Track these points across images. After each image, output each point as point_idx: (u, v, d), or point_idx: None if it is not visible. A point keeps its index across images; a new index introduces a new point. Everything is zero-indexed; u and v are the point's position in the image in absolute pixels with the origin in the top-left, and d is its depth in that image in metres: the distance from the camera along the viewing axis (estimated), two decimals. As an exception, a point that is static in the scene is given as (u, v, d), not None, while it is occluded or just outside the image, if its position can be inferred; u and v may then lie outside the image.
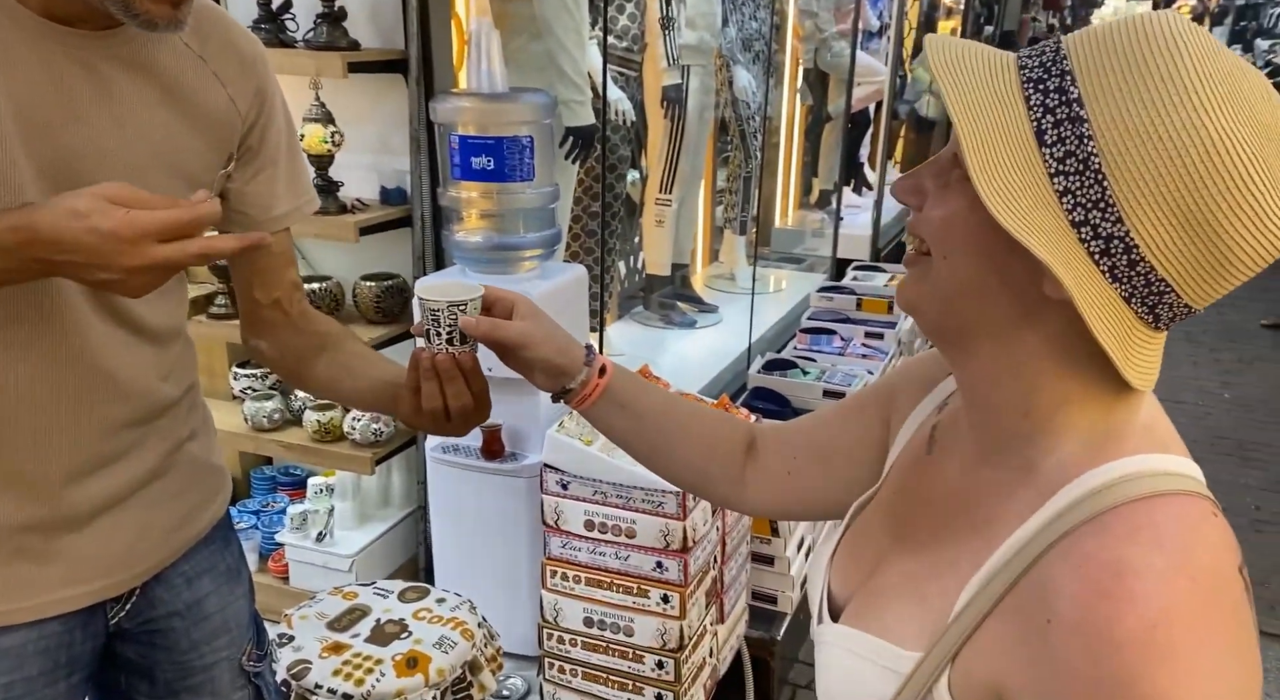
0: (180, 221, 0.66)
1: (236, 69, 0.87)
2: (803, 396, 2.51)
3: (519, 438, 1.79)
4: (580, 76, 2.02)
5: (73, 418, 0.82)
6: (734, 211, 3.97)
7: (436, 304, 0.79)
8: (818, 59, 4.82)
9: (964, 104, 0.53)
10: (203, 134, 0.86)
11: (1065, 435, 0.57)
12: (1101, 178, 0.50)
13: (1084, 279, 0.51)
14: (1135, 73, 0.50)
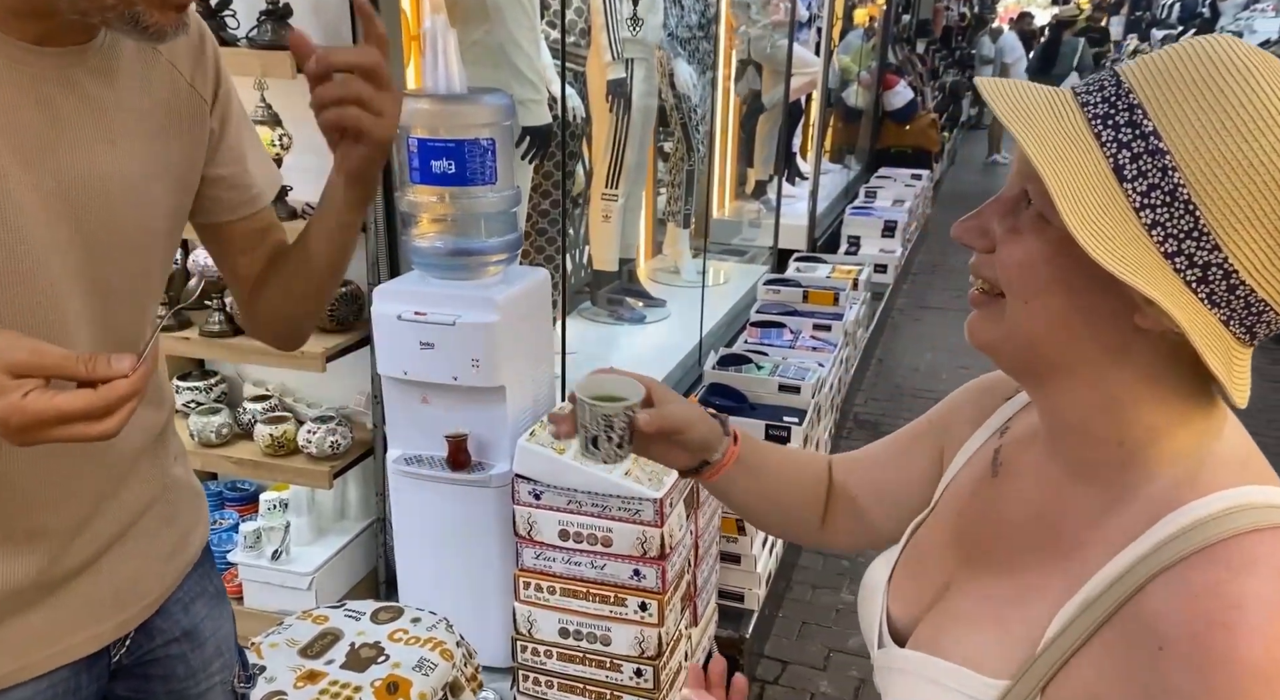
0: (92, 408, 0.61)
1: (187, 53, 0.84)
2: (758, 392, 2.52)
3: (485, 447, 1.75)
4: (535, 74, 1.98)
5: (88, 461, 0.79)
6: (677, 204, 3.96)
7: (612, 408, 0.73)
8: (751, 50, 4.85)
9: (1038, 145, 0.52)
10: (180, 130, 0.83)
11: (1161, 463, 0.57)
12: (1193, 208, 0.50)
13: (1187, 310, 0.51)
14: (1211, 101, 0.50)
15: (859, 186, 5.82)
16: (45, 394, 0.60)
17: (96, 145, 0.74)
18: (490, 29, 1.97)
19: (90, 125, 0.74)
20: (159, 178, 0.81)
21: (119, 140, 0.76)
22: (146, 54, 0.79)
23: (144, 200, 0.79)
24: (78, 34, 0.72)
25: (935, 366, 4.20)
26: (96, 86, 0.74)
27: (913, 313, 4.98)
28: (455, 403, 1.73)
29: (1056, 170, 0.52)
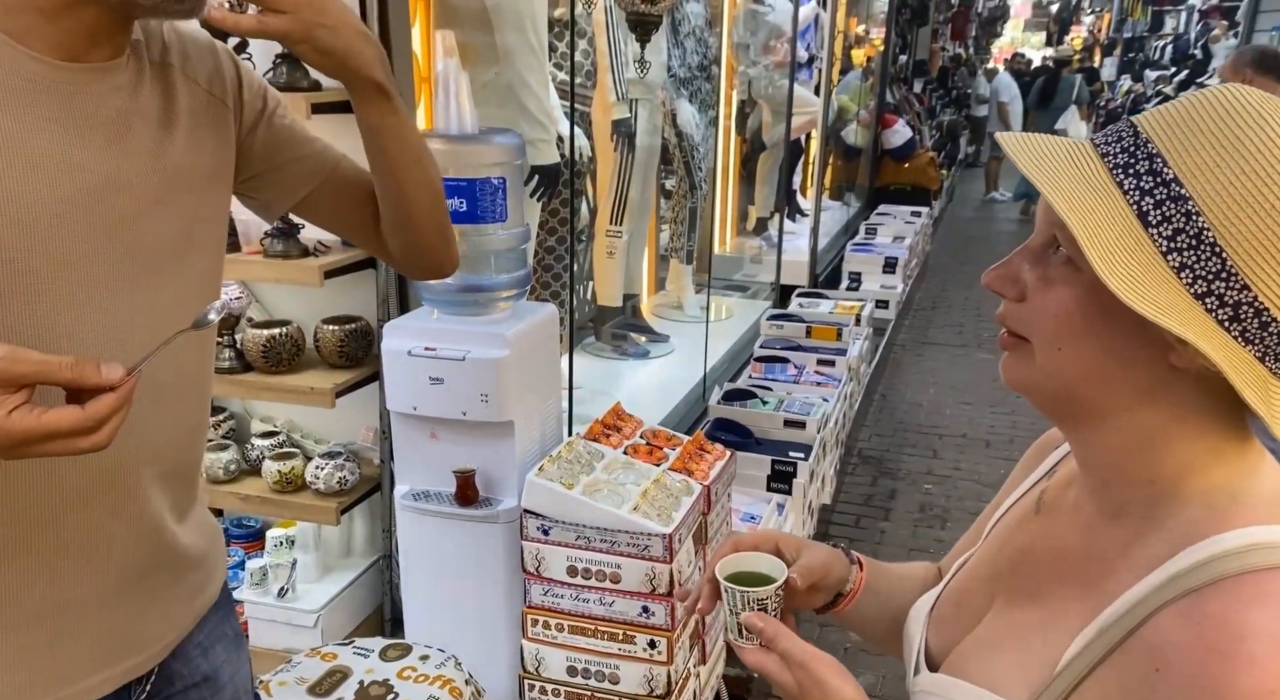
0: (79, 425, 0.61)
1: (202, 62, 0.86)
2: (764, 426, 2.53)
3: (493, 483, 1.75)
4: (545, 115, 2.02)
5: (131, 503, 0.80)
6: (680, 241, 4.00)
7: (765, 592, 0.73)
8: (751, 90, 4.93)
9: (1063, 195, 0.54)
10: (202, 137, 0.84)
11: (1191, 498, 0.58)
12: (1219, 249, 0.52)
13: (1221, 348, 0.52)
14: (1229, 147, 0.52)
15: (859, 223, 5.88)
16: (31, 412, 0.60)
17: (122, 158, 0.75)
18: (500, 71, 2.01)
19: (115, 139, 0.75)
20: (187, 188, 0.82)
21: (143, 152, 0.77)
22: (162, 73, 0.81)
23: (171, 210, 0.80)
24: (104, 49, 0.74)
25: (938, 402, 4.20)
26: (120, 101, 0.76)
27: (914, 349, 4.99)
28: (464, 438, 1.73)
29: (1082, 217, 0.53)
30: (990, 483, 3.38)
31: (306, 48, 0.79)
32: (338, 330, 1.80)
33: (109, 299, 0.75)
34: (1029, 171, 0.56)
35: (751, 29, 4.71)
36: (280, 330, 1.79)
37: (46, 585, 0.76)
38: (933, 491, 3.32)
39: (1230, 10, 10.30)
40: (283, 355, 1.78)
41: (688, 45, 3.60)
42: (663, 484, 1.66)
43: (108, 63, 0.75)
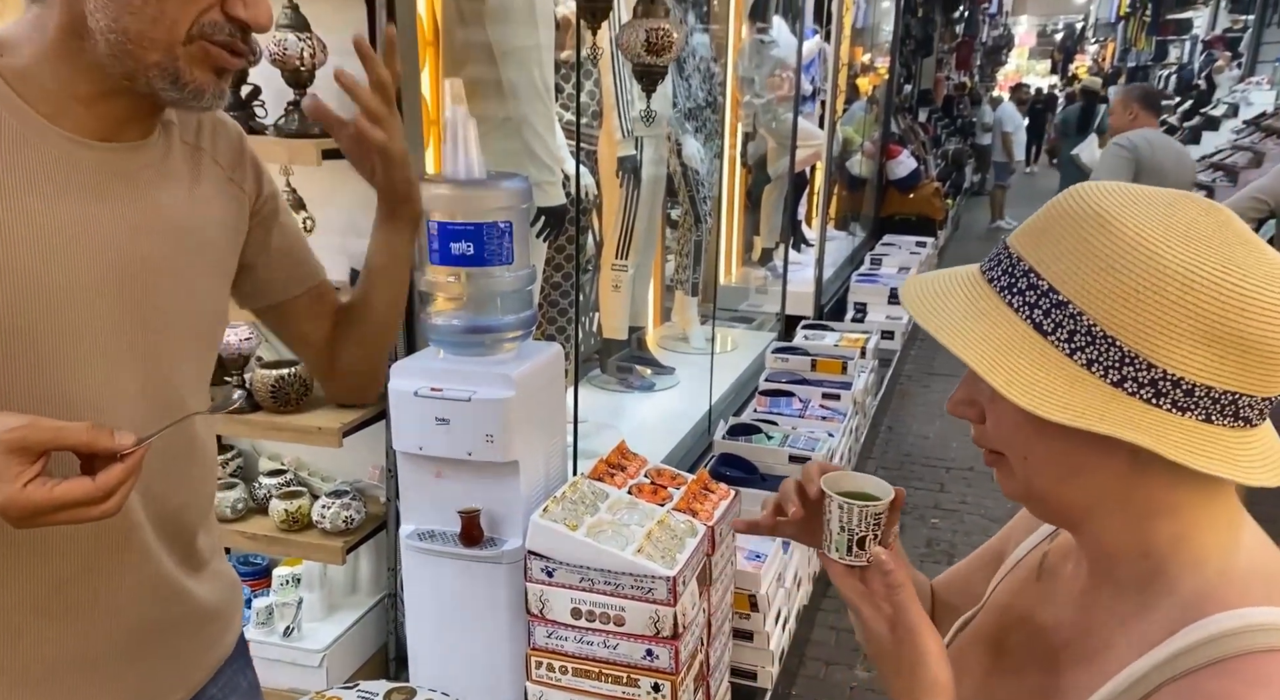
0: (90, 496, 0.64)
1: (229, 150, 0.91)
2: (769, 462, 2.53)
3: (497, 523, 1.76)
4: (551, 158, 2.05)
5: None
6: (685, 273, 4.03)
7: (881, 507, 0.71)
8: (756, 123, 4.98)
9: (963, 341, 0.59)
10: (221, 219, 0.89)
11: (1185, 573, 0.59)
12: (1112, 339, 0.55)
13: (1156, 426, 0.54)
14: (1082, 250, 0.56)
15: (864, 253, 5.90)
16: (45, 485, 0.63)
17: (148, 235, 0.79)
18: (508, 114, 2.05)
19: (142, 213, 0.79)
20: (208, 267, 0.86)
21: (170, 227, 0.82)
22: (192, 154, 0.86)
23: (190, 284, 0.84)
24: (135, 130, 0.79)
25: (945, 435, 4.19)
26: (149, 177, 0.80)
27: (920, 379, 4.99)
28: (469, 477, 1.74)
29: (980, 349, 0.58)
30: (997, 517, 3.36)
31: (388, 160, 0.89)
32: (345, 370, 1.82)
33: (126, 369, 0.78)
34: (925, 323, 0.60)
35: (756, 63, 4.77)
36: (289, 370, 1.81)
37: (63, 643, 0.78)
38: (939, 526, 3.31)
39: (1233, 41, 10.38)
40: (291, 395, 1.80)
41: (693, 82, 3.65)
42: (667, 525, 1.67)
43: (139, 141, 0.79)
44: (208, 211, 0.86)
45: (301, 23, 1.66)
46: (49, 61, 0.73)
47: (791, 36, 4.80)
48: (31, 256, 0.71)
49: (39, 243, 0.72)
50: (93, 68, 0.73)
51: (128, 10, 0.71)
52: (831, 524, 0.71)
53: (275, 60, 1.65)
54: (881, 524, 0.71)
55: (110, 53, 0.72)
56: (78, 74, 0.73)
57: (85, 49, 0.72)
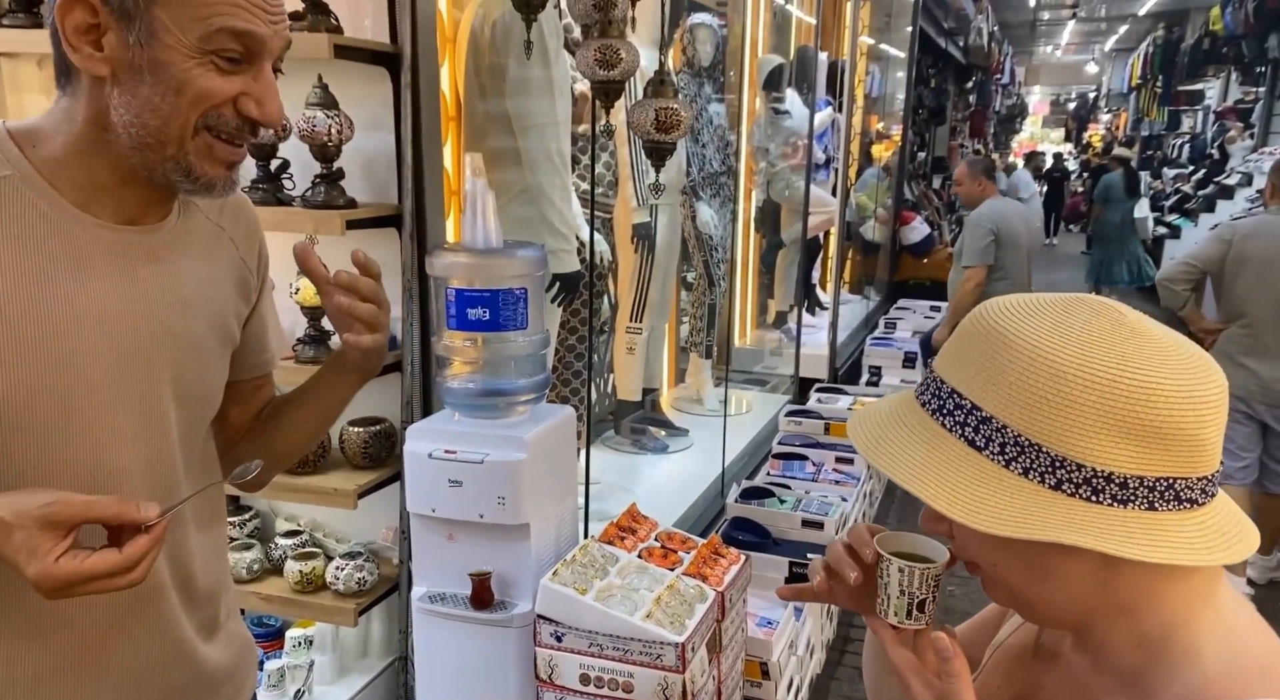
0: (117, 568, 0.68)
1: (244, 232, 0.97)
2: (781, 526, 2.53)
3: (508, 586, 1.77)
4: (566, 227, 2.12)
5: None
6: (699, 335, 4.08)
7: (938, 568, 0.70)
8: (770, 191, 5.09)
9: (905, 470, 0.62)
10: (234, 298, 0.95)
11: (1182, 663, 0.59)
12: (1038, 446, 0.58)
13: (1100, 523, 0.56)
14: (990, 367, 0.60)
15: (879, 316, 5.93)
16: (75, 558, 0.66)
17: (169, 308, 0.85)
18: (526, 183, 2.12)
19: (164, 291, 0.84)
20: (218, 338, 0.92)
21: (190, 303, 0.87)
22: (213, 233, 0.92)
23: (205, 356, 0.90)
24: (156, 213, 0.84)
25: (961, 499, 4.15)
26: (172, 255, 0.86)
27: (937, 443, 4.96)
28: (480, 540, 1.76)
29: (925, 479, 0.61)
30: (1015, 585, 3.30)
31: (368, 355, 0.95)
32: (363, 432, 1.86)
33: (153, 437, 0.83)
34: (870, 456, 0.64)
35: (770, 132, 4.90)
36: (307, 431, 1.85)
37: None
38: (955, 594, 3.26)
39: (1245, 112, 10.51)
40: (309, 456, 1.83)
41: (708, 150, 3.76)
42: (676, 589, 1.67)
43: (159, 223, 0.85)
44: (223, 289, 0.92)
45: (330, 101, 1.74)
46: (78, 154, 0.78)
47: (804, 107, 4.93)
48: (68, 334, 0.76)
49: (75, 321, 0.77)
50: (116, 158, 0.78)
51: (148, 107, 0.76)
52: (890, 588, 0.70)
53: (304, 136, 1.74)
54: (939, 585, 0.71)
55: (131, 145, 0.77)
56: (103, 164, 0.79)
57: (109, 141, 0.77)
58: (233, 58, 0.77)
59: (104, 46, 0.75)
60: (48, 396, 0.75)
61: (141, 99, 0.75)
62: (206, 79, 0.76)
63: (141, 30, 0.74)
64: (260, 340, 1.03)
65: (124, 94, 0.76)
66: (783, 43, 5.34)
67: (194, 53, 0.75)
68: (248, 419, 1.06)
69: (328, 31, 1.70)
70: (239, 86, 0.79)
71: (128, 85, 0.75)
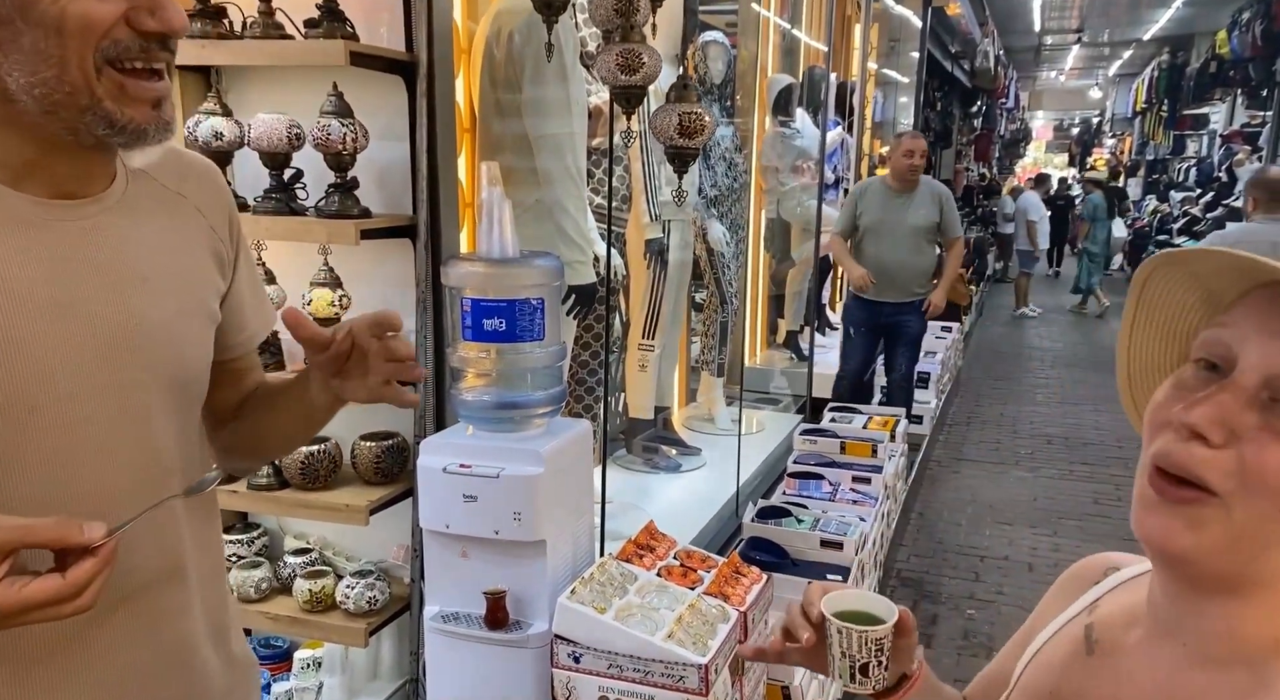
0: (60, 594, 0.60)
1: (211, 199, 0.89)
2: (799, 546, 2.47)
3: (523, 605, 1.71)
4: (582, 238, 2.09)
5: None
6: (711, 354, 4.04)
7: (881, 632, 0.68)
8: (780, 210, 5.07)
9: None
10: (207, 268, 0.87)
11: None
12: None
13: None
14: None
15: (889, 337, 5.87)
16: (13, 586, 0.59)
17: (129, 287, 0.76)
18: (541, 195, 2.10)
19: (120, 267, 0.76)
20: (194, 314, 0.84)
21: (151, 279, 0.78)
22: (171, 197, 0.83)
23: (180, 338, 0.81)
24: (97, 183, 0.76)
25: (977, 522, 4.08)
26: (123, 227, 0.77)
27: (950, 465, 4.90)
28: (495, 557, 1.71)
29: None
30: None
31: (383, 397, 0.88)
32: (375, 447, 1.82)
33: (118, 433, 0.76)
34: None
35: (779, 152, 4.89)
36: (319, 447, 1.81)
37: None
38: (976, 617, 3.19)
39: (1253, 135, 10.51)
40: (320, 472, 1.79)
41: (718, 169, 3.74)
42: (697, 609, 1.61)
43: (102, 193, 0.76)
44: (192, 262, 0.84)
45: (345, 109, 1.72)
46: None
47: (814, 127, 4.93)
48: (12, 326, 0.69)
49: (19, 311, 0.69)
50: (31, 127, 0.69)
51: (37, 58, 0.66)
52: (833, 649, 0.69)
53: (318, 144, 1.71)
54: (886, 649, 0.68)
55: (40, 109, 0.68)
56: (19, 137, 0.70)
57: (18, 111, 0.68)
58: None
59: None
60: None
61: (26, 52, 0.65)
62: (80, 5, 0.65)
63: None
64: (238, 317, 0.93)
65: (8, 53, 0.66)
66: (791, 65, 5.35)
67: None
68: (232, 405, 0.96)
69: (344, 39, 1.68)
70: (122, 3, 0.67)
71: (6, 43, 0.66)
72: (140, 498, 0.75)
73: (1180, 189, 11.95)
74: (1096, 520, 4.01)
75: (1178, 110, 12.94)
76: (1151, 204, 12.87)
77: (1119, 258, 14.05)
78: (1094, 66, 17.47)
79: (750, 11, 4.49)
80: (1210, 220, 8.99)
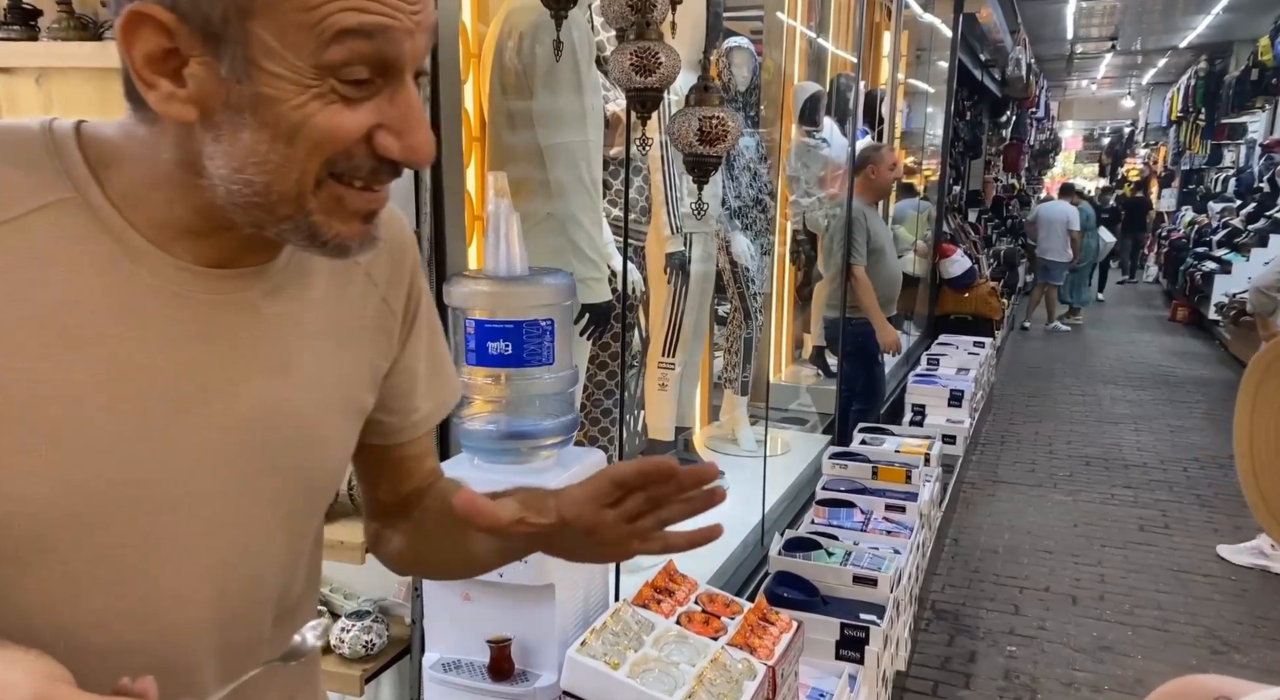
0: None
1: (388, 263, 0.74)
2: (830, 582, 2.31)
3: (529, 654, 1.58)
4: (597, 253, 1.96)
5: None
6: (734, 371, 3.89)
7: None
8: (807, 221, 4.92)
9: None
10: (365, 350, 0.73)
11: None
12: None
13: None
14: None
15: (919, 352, 5.71)
16: None
17: (268, 378, 0.64)
18: (553, 209, 1.97)
19: (265, 354, 0.64)
20: (337, 408, 0.70)
21: (295, 369, 0.66)
22: (340, 265, 0.69)
23: (318, 436, 0.69)
24: (259, 253, 0.63)
25: (1014, 549, 3.89)
26: (277, 306, 0.65)
27: (985, 487, 4.70)
28: (499, 601, 1.58)
29: None
30: (1082, 647, 3.04)
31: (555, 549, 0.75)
32: (372, 477, 1.69)
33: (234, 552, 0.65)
34: None
35: (805, 162, 4.75)
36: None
37: None
38: (1017, 655, 3.00)
39: (1296, 144, 10.21)
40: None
41: (742, 179, 3.60)
42: (721, 664, 1.47)
43: (264, 265, 0.64)
44: (352, 346, 0.70)
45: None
46: (159, 188, 0.58)
47: (843, 137, 4.78)
48: (124, 414, 0.57)
49: (136, 397, 0.58)
50: (210, 204, 0.58)
51: (252, 160, 0.55)
52: None
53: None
54: None
55: (232, 203, 0.57)
56: (190, 207, 0.59)
57: (202, 186, 0.57)
58: (360, 79, 0.55)
59: (187, 81, 0.55)
60: (94, 494, 0.57)
61: (243, 148, 0.55)
62: (327, 115, 0.55)
63: (237, 56, 0.54)
64: (407, 399, 0.79)
65: (219, 141, 0.56)
66: (818, 74, 5.22)
67: (308, 79, 0.54)
68: (396, 498, 0.83)
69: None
70: (371, 117, 0.57)
71: (225, 129, 0.55)
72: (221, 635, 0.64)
73: (1219, 200, 11.63)
74: (1143, 549, 3.79)
75: (1215, 119, 12.63)
76: (1188, 215, 12.55)
77: (1154, 270, 13.73)
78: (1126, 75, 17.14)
79: (775, 20, 4.36)
80: (1252, 232, 8.70)
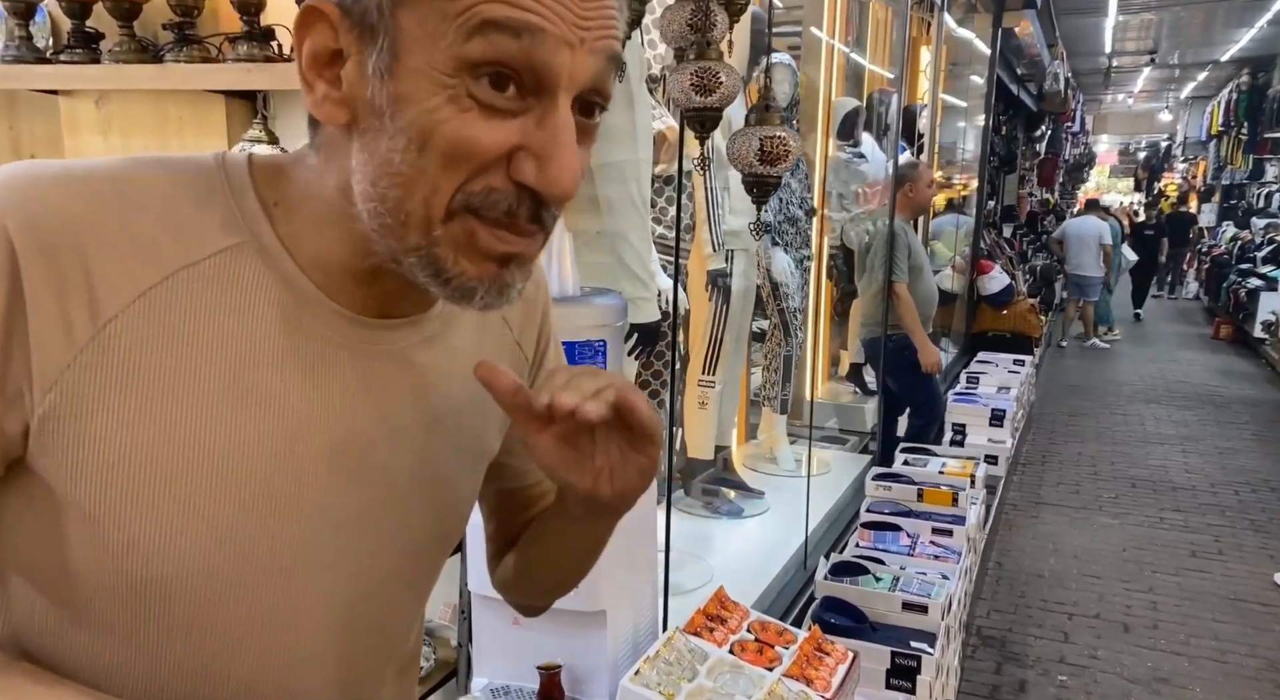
0: None
1: (522, 306, 0.71)
2: (879, 609, 2.25)
3: (580, 681, 1.55)
4: (646, 273, 1.94)
5: None
6: (774, 389, 3.85)
7: None
8: (845, 238, 4.87)
9: None
10: None
11: None
12: None
13: None
14: None
15: (957, 369, 5.62)
16: None
17: (419, 433, 0.62)
18: (603, 227, 1.95)
19: (415, 408, 0.62)
20: (471, 455, 0.68)
21: (440, 423, 0.63)
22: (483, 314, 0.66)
23: (453, 486, 0.67)
24: (415, 302, 0.60)
25: (1060, 574, 3.79)
26: (427, 357, 0.62)
27: (1028, 509, 4.60)
28: (549, 626, 1.55)
29: None
30: (1136, 678, 2.94)
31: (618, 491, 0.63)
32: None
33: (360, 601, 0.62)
34: None
35: (844, 178, 4.71)
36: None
37: None
38: (1068, 685, 2.91)
39: (1339, 157, 9.99)
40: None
41: (782, 196, 3.57)
42: (778, 695, 1.42)
43: (421, 316, 0.62)
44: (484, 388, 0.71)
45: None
46: (326, 227, 0.55)
47: (881, 152, 4.74)
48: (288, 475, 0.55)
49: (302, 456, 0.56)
50: (365, 239, 0.54)
51: (385, 171, 0.50)
52: None
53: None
54: None
55: (372, 228, 0.53)
56: (351, 248, 0.56)
57: (356, 217, 0.54)
58: (501, 75, 0.49)
59: (342, 82, 0.51)
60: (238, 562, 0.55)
61: (380, 157, 0.50)
62: (460, 123, 0.49)
63: (383, 50, 0.49)
64: None
65: (363, 151, 0.51)
66: (856, 89, 5.18)
67: (445, 76, 0.48)
68: (513, 534, 0.81)
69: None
70: (512, 135, 0.50)
71: (368, 136, 0.51)
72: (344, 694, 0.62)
73: (1262, 215, 11.39)
74: (1196, 576, 3.68)
75: (1258, 133, 12.39)
76: (1230, 230, 12.30)
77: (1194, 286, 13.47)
78: (1164, 89, 16.89)
79: (812, 36, 4.34)
80: (1300, 248, 8.50)
